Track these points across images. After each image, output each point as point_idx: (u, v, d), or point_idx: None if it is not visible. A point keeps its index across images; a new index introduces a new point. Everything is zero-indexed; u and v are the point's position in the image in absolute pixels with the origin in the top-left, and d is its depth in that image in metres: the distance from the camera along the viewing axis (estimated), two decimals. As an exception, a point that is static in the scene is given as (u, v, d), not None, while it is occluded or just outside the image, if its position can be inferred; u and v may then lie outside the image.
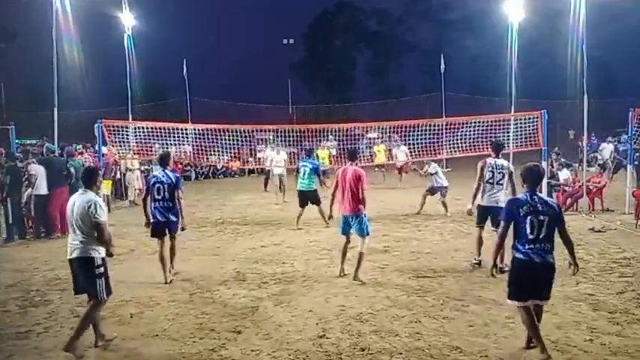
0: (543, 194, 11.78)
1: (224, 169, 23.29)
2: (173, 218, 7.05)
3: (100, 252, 4.76)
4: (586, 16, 12.99)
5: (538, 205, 4.36)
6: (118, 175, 14.35)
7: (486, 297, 6.03)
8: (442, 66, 23.07)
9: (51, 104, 12.19)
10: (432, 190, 11.83)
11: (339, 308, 5.76)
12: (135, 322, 5.51)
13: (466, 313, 5.53)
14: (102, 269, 4.76)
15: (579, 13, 13.24)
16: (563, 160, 12.73)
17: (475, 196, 7.33)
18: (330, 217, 7.44)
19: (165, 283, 6.85)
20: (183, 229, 7.23)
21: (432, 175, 11.72)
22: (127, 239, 9.81)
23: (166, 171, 7.14)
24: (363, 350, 4.67)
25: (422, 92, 34.87)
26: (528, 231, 4.31)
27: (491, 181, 7.24)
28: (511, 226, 4.47)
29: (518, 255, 4.39)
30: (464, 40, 43.09)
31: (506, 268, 6.93)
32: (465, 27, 43.27)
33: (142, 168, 15.75)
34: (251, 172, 23.18)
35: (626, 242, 8.61)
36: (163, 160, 7.38)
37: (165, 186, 6.99)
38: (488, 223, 7.24)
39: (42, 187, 9.88)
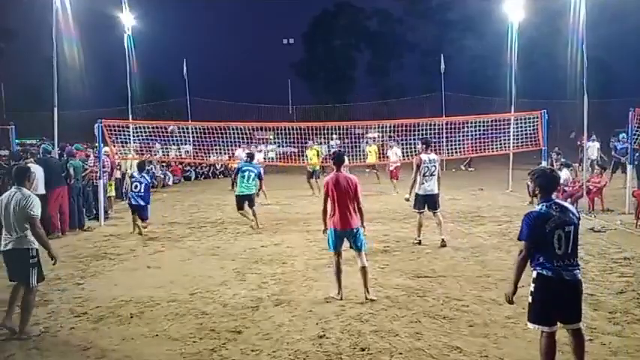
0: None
1: (224, 168, 23.31)
2: (141, 202, 10.16)
3: (34, 244, 5.12)
4: (586, 16, 13.00)
5: (562, 214, 3.86)
6: (118, 175, 14.34)
7: (486, 297, 6.03)
8: (442, 66, 23.08)
9: (51, 104, 12.16)
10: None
11: (339, 308, 5.76)
12: (135, 322, 5.51)
13: (466, 313, 5.52)
14: (35, 259, 5.16)
15: (579, 13, 13.23)
16: (563, 159, 12.74)
17: (412, 186, 8.75)
18: (325, 230, 6.25)
19: (140, 234, 10.06)
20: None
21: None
22: (126, 239, 9.83)
23: (143, 174, 10.42)
24: (363, 350, 4.67)
25: (422, 92, 34.85)
26: (556, 247, 3.80)
27: (427, 173, 8.56)
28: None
29: (545, 272, 3.82)
30: (464, 40, 43.15)
31: (415, 242, 8.66)
32: (465, 27, 43.29)
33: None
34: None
35: (626, 242, 8.61)
36: (140, 166, 10.75)
37: (143, 185, 10.21)
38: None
39: (40, 188, 9.85)
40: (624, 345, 4.64)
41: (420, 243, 8.77)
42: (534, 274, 3.90)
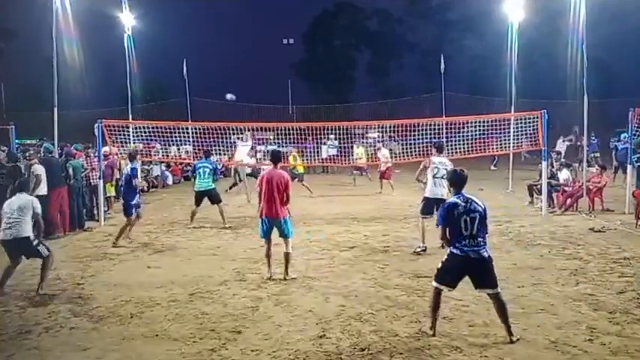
0: (535, 194, 11.83)
1: (224, 168, 23.27)
2: (121, 199, 10.17)
3: (30, 232, 6.48)
4: (586, 16, 13.00)
5: (468, 204, 4.84)
6: (118, 175, 14.32)
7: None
8: (442, 66, 23.04)
9: (51, 104, 12.16)
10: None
11: (339, 308, 5.76)
12: (135, 322, 5.51)
13: (466, 313, 5.53)
14: (36, 240, 6.51)
15: (579, 13, 13.24)
16: (562, 160, 12.74)
17: (419, 175, 8.76)
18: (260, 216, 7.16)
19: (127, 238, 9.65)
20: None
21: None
22: (126, 240, 9.81)
23: (129, 165, 9.92)
24: (363, 350, 4.67)
25: (422, 92, 34.83)
26: (463, 229, 4.76)
27: (437, 176, 8.32)
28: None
29: (455, 250, 4.82)
30: (464, 40, 43.15)
31: (419, 250, 8.28)
32: (465, 27, 43.31)
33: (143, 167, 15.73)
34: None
35: (626, 242, 8.61)
36: (130, 157, 10.10)
37: (123, 177, 9.99)
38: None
39: (42, 188, 9.86)
40: (624, 345, 4.64)
41: (425, 250, 8.18)
42: (449, 251, 4.90)
